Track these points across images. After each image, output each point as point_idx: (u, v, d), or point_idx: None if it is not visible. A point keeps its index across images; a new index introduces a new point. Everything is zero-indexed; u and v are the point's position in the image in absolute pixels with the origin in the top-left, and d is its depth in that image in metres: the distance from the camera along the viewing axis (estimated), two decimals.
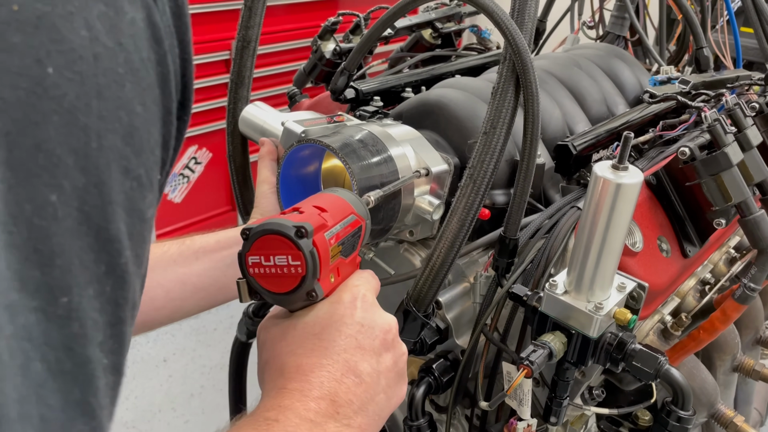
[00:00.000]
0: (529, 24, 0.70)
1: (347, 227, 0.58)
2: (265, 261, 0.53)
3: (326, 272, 0.55)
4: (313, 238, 0.52)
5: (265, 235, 0.52)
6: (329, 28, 1.14)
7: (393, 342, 0.57)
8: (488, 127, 0.70)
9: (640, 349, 0.67)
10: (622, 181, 0.62)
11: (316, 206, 0.56)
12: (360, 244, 0.61)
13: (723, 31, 1.45)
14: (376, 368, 0.55)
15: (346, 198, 0.61)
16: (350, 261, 0.59)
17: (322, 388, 0.51)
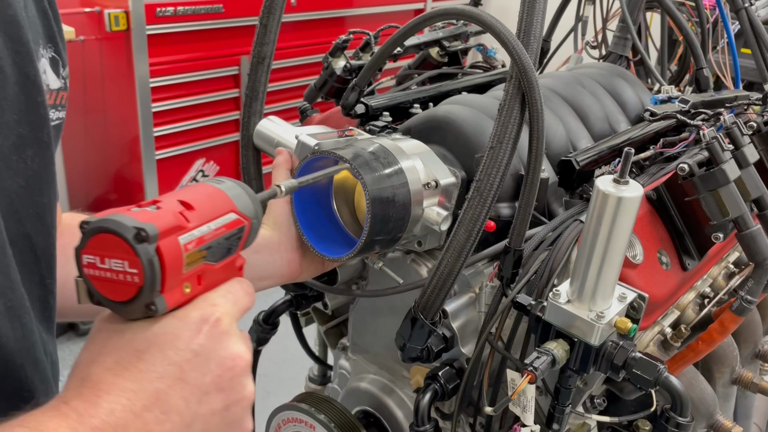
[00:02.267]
0: (534, 44, 0.74)
1: (221, 228, 0.50)
2: (100, 263, 0.45)
3: (176, 282, 0.46)
4: (158, 243, 0.44)
5: (100, 232, 0.44)
6: (340, 46, 1.17)
7: (231, 382, 0.48)
8: (495, 142, 0.73)
9: (640, 357, 0.69)
10: (623, 194, 0.65)
11: (183, 201, 0.48)
12: (242, 245, 0.53)
13: (723, 52, 1.49)
14: (193, 409, 0.46)
15: (230, 192, 0.52)
16: (224, 266, 0.51)
17: (108, 418, 0.43)
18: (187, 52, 2.68)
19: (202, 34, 2.69)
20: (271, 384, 2.58)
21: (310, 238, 0.81)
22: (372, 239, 0.75)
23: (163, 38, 2.58)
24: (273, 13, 0.90)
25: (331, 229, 0.85)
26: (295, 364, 2.66)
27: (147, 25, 2.50)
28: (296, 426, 1.01)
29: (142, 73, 2.55)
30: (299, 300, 1.03)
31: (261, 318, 1.04)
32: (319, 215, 0.84)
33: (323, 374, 1.32)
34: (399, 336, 0.82)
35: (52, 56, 0.65)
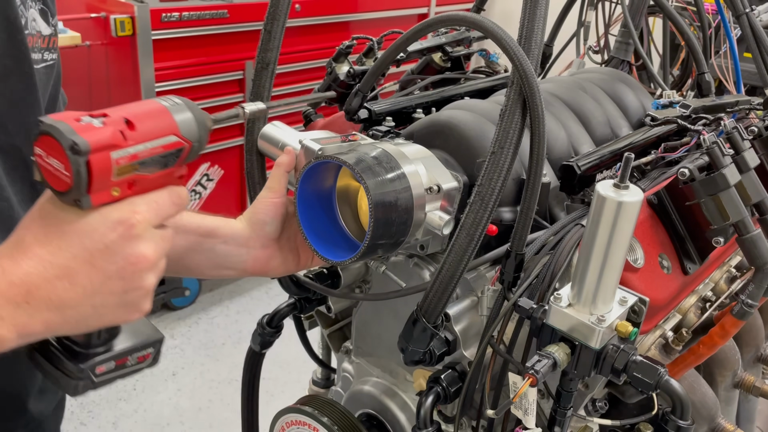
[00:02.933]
0: (535, 50, 0.74)
1: (158, 148, 0.57)
2: (46, 156, 0.53)
3: (103, 186, 0.54)
4: (89, 157, 0.52)
5: (46, 134, 0.52)
6: (343, 51, 1.18)
7: (132, 275, 0.57)
8: (496, 147, 0.74)
9: (640, 360, 0.70)
10: (623, 199, 0.66)
11: (128, 118, 0.55)
12: (180, 162, 0.60)
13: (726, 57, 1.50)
14: (96, 287, 0.56)
15: (177, 115, 0.58)
16: (159, 176, 0.58)
17: (25, 278, 0.53)
18: (192, 57, 2.70)
19: (207, 39, 2.71)
20: (275, 387, 2.59)
21: (313, 242, 0.82)
22: (375, 243, 0.76)
23: (169, 43, 2.60)
24: (277, 19, 0.91)
25: (334, 232, 0.86)
26: (298, 367, 2.67)
27: (152, 30, 2.52)
28: (300, 428, 1.02)
29: (148, 78, 2.57)
30: (303, 303, 1.04)
31: (265, 321, 1.05)
32: (322, 219, 0.85)
33: (327, 377, 1.32)
34: (401, 339, 0.82)
35: (41, 8, 0.80)
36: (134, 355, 0.66)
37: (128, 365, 0.66)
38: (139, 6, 2.46)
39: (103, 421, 2.45)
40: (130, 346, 0.66)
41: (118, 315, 0.59)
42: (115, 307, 0.58)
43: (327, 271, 0.99)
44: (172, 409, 2.54)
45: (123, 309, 0.59)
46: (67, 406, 2.47)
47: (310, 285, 0.96)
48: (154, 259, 0.59)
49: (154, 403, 2.55)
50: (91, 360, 0.62)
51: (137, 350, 0.66)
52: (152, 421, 2.47)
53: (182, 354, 2.82)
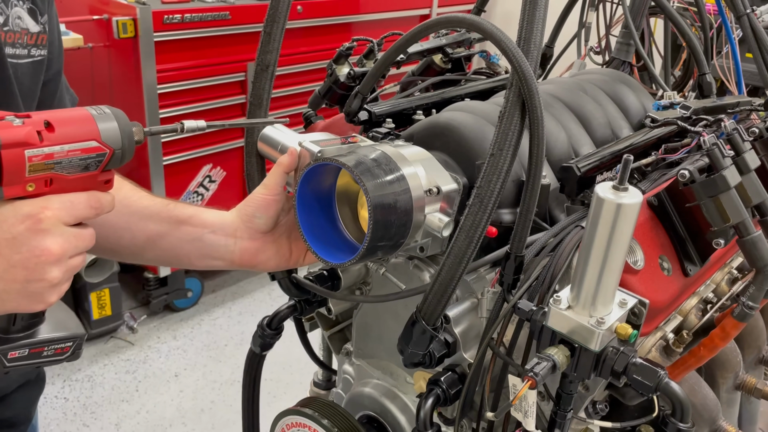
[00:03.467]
0: (534, 52, 0.74)
1: (76, 150, 0.61)
2: None
3: (17, 181, 0.58)
4: (0, 152, 0.56)
5: None
6: (344, 53, 1.18)
7: (36, 266, 0.61)
8: (495, 149, 0.74)
9: (640, 362, 0.70)
10: (622, 201, 0.65)
11: (49, 120, 0.60)
12: (101, 167, 0.63)
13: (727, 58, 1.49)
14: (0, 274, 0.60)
15: (101, 123, 0.62)
16: (80, 178, 0.62)
17: None
18: (194, 58, 2.70)
19: (209, 40, 2.71)
20: (276, 388, 2.59)
21: (312, 243, 0.82)
22: (374, 245, 0.76)
23: (171, 45, 2.60)
24: (277, 21, 0.91)
25: (333, 234, 0.85)
26: (299, 369, 2.67)
27: (154, 32, 2.52)
28: (300, 430, 1.02)
29: (150, 80, 2.57)
30: (303, 305, 1.04)
31: (265, 323, 1.05)
32: (322, 221, 0.85)
33: (328, 379, 1.32)
34: (401, 341, 0.82)
35: (30, 7, 0.84)
36: (51, 346, 0.71)
37: (44, 355, 0.70)
38: (141, 8, 2.46)
39: (106, 422, 2.46)
40: (48, 338, 0.70)
41: (20, 303, 0.63)
42: (17, 295, 0.62)
43: (327, 273, 0.99)
44: (174, 410, 2.54)
45: (25, 298, 0.62)
46: (70, 408, 2.49)
47: (310, 287, 0.96)
48: (58, 253, 0.61)
49: (157, 404, 2.56)
50: (5, 344, 0.67)
51: (55, 342, 0.71)
52: (155, 422, 2.48)
53: (185, 355, 2.82)
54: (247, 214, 0.88)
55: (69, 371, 2.69)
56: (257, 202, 0.88)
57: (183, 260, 0.90)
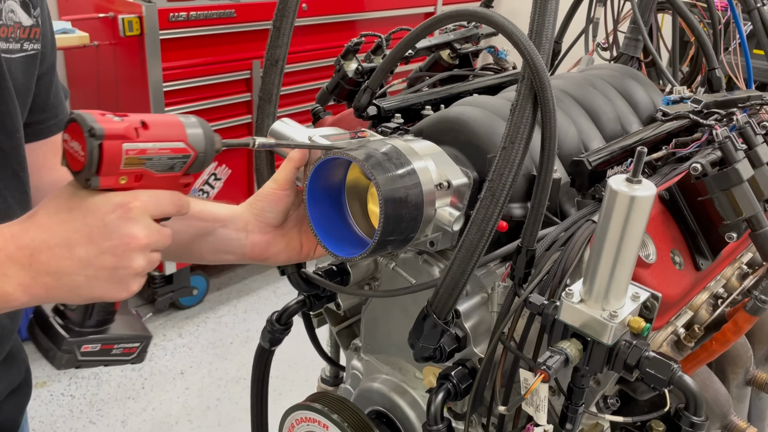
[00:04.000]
0: (546, 45, 0.74)
1: (164, 150, 0.65)
2: (70, 140, 0.63)
3: (112, 172, 0.62)
4: (102, 142, 0.60)
5: (73, 122, 0.62)
6: (352, 49, 1.18)
7: (123, 253, 0.63)
8: (507, 143, 0.74)
9: (653, 356, 0.69)
10: (635, 193, 0.65)
11: (144, 120, 0.64)
12: (185, 169, 0.68)
13: (736, 53, 1.49)
14: (90, 259, 0.63)
15: (188, 128, 0.67)
16: (165, 177, 0.66)
17: (29, 242, 0.62)
18: (200, 56, 2.70)
19: (214, 38, 2.71)
20: (282, 386, 2.59)
21: (323, 238, 0.82)
22: (384, 239, 0.76)
23: (176, 43, 2.61)
24: (286, 16, 0.91)
25: (343, 228, 0.85)
26: (305, 366, 2.67)
27: (160, 30, 2.52)
28: (309, 426, 1.02)
29: (156, 78, 2.58)
30: (312, 300, 1.04)
31: (274, 318, 1.05)
32: (332, 215, 0.85)
33: (335, 375, 1.32)
34: (412, 335, 0.82)
35: (22, 0, 0.84)
36: (121, 344, 0.73)
37: (113, 353, 0.73)
38: (147, 6, 2.46)
39: (112, 420, 2.46)
40: (119, 335, 0.72)
41: (107, 289, 0.65)
42: (105, 281, 0.64)
43: (336, 268, 0.99)
44: (180, 407, 2.55)
45: (112, 284, 0.64)
46: (77, 405, 2.50)
47: (320, 282, 0.95)
48: (145, 242, 0.64)
49: (163, 402, 2.56)
50: (80, 337, 0.69)
51: (125, 341, 0.73)
52: (161, 419, 2.48)
53: (190, 353, 2.83)
54: (258, 209, 0.88)
55: (75, 369, 2.69)
56: (268, 197, 0.88)
57: (194, 254, 0.90)
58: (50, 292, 0.63)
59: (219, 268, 3.37)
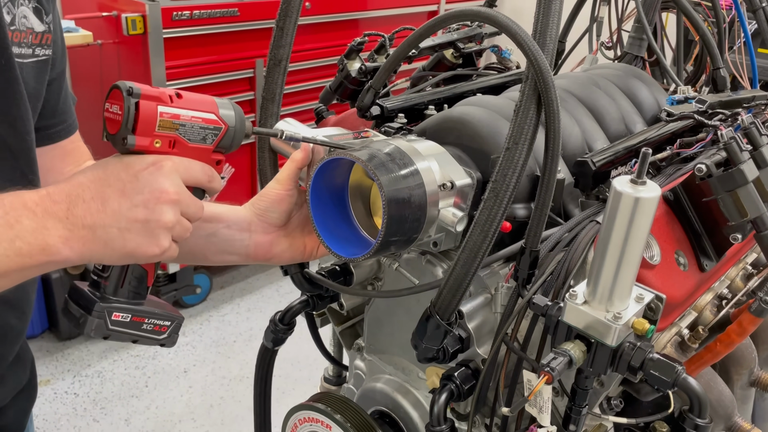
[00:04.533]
0: (550, 45, 0.74)
1: (196, 118, 0.69)
2: (110, 108, 0.68)
3: (147, 132, 0.67)
4: (139, 100, 0.65)
5: (113, 89, 0.67)
6: (355, 48, 1.18)
7: (155, 206, 0.66)
8: (511, 143, 0.73)
9: (657, 357, 0.69)
10: (640, 195, 0.65)
11: (179, 92, 0.69)
12: (216, 142, 0.72)
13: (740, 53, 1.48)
14: (123, 212, 0.65)
15: (220, 104, 0.72)
16: (197, 148, 0.70)
17: (66, 198, 0.64)
18: (203, 55, 2.70)
19: (217, 37, 2.71)
20: (285, 384, 2.60)
21: (326, 238, 0.82)
22: (388, 240, 0.76)
23: (180, 42, 2.61)
24: (289, 16, 0.91)
25: (346, 229, 0.85)
26: (308, 365, 2.68)
27: (163, 28, 2.52)
28: (312, 426, 1.02)
29: (159, 76, 2.58)
30: (315, 300, 1.04)
31: (277, 318, 1.05)
32: (335, 215, 0.85)
33: (338, 375, 1.32)
34: (415, 336, 0.82)
35: (35, 6, 0.86)
36: (152, 320, 0.73)
37: (143, 327, 0.73)
38: (150, 5, 2.47)
39: (116, 418, 2.47)
40: (150, 309, 0.73)
41: (139, 243, 0.66)
42: (137, 234, 0.66)
43: (339, 268, 0.99)
44: (183, 405, 2.55)
45: (143, 237, 0.66)
46: (80, 403, 2.50)
47: (323, 282, 0.95)
48: (175, 197, 0.67)
49: (166, 400, 2.57)
50: (112, 303, 0.70)
51: (156, 317, 0.74)
52: (164, 417, 2.49)
53: (194, 351, 2.83)
54: (261, 209, 0.89)
55: (79, 367, 2.70)
56: (271, 197, 0.88)
57: (198, 256, 0.90)
58: (87, 245, 0.65)
59: (222, 267, 3.37)
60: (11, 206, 0.62)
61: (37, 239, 0.62)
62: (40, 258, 0.63)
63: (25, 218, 0.62)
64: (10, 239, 0.61)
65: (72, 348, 2.80)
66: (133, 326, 0.72)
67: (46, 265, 0.64)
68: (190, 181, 0.70)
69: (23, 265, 0.62)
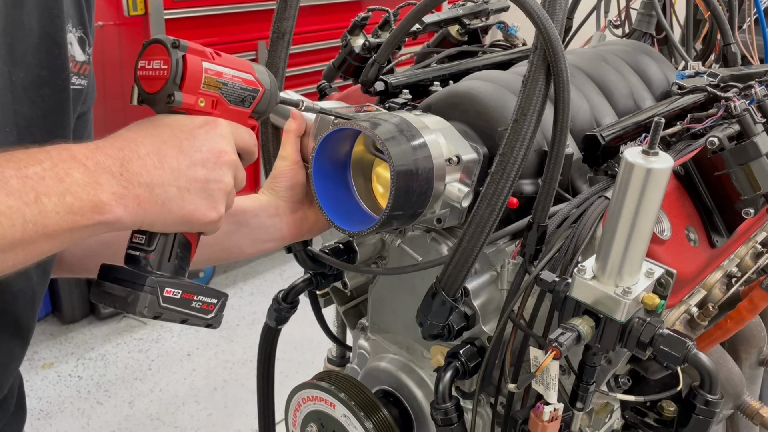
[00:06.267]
0: (560, 14, 0.72)
1: (237, 78, 0.66)
2: (147, 65, 0.63)
3: (192, 89, 0.63)
4: (185, 54, 0.62)
5: (153, 44, 0.63)
6: (359, 24, 1.16)
7: (215, 165, 0.63)
8: (519, 115, 0.72)
9: (668, 333, 0.68)
10: (652, 166, 0.63)
11: (216, 50, 0.66)
12: (254, 105, 0.69)
13: (750, 32, 1.45)
14: (182, 170, 0.61)
15: (255, 67, 0.70)
16: (236, 111, 0.67)
17: (119, 152, 0.58)
18: (205, 36, 2.67)
19: (219, 18, 2.69)
20: (288, 368, 2.60)
21: (330, 213, 0.80)
22: (393, 213, 0.74)
23: (181, 23, 2.58)
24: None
25: (349, 203, 0.84)
26: (311, 348, 2.67)
27: (164, 9, 2.50)
28: (316, 404, 1.01)
29: None
30: (318, 279, 1.02)
31: (281, 297, 1.04)
32: (338, 190, 0.83)
33: (342, 355, 1.32)
34: (420, 313, 0.81)
35: (80, 36, 0.83)
36: (200, 297, 0.68)
37: (192, 305, 0.67)
38: None
39: (120, 400, 2.47)
40: (198, 285, 0.68)
41: (198, 205, 0.62)
42: (196, 195, 0.62)
43: (343, 246, 0.98)
44: (187, 388, 2.55)
45: (203, 199, 0.62)
46: (84, 386, 2.51)
47: (326, 260, 0.94)
48: (234, 158, 0.64)
49: (170, 383, 2.57)
50: (162, 278, 0.64)
51: (204, 294, 0.68)
52: (168, 400, 2.49)
53: (197, 334, 2.83)
54: (281, 189, 0.87)
55: (83, 350, 2.70)
56: (285, 175, 0.87)
57: (233, 251, 0.87)
58: (143, 205, 0.58)
59: None
60: (59, 158, 0.55)
61: (89, 195, 0.55)
62: (92, 216, 0.55)
63: (76, 171, 0.55)
64: (60, 193, 0.54)
65: (75, 331, 2.80)
66: (183, 304, 0.66)
67: (97, 227, 0.57)
68: (240, 145, 0.67)
69: (74, 224, 0.55)
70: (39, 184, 0.53)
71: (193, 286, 0.67)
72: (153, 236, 0.65)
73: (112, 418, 2.40)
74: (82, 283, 2.78)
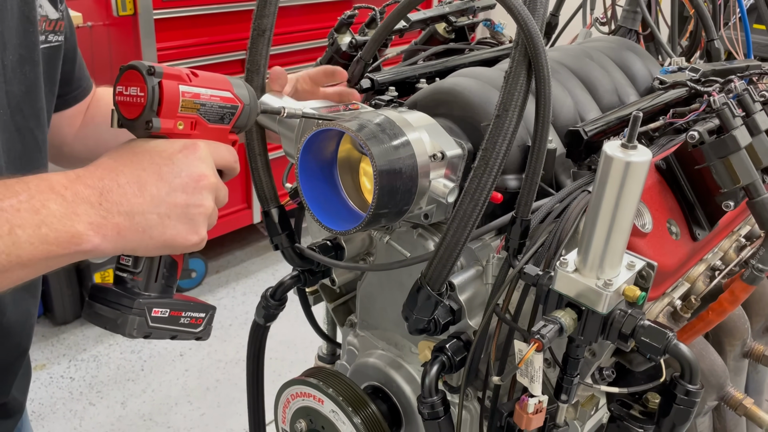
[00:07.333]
0: (540, 10, 0.72)
1: (215, 97, 0.67)
2: (125, 91, 0.64)
3: (170, 114, 0.63)
4: (161, 80, 0.62)
5: (129, 69, 0.64)
6: (345, 21, 1.16)
7: (194, 191, 0.64)
8: (500, 110, 0.72)
9: (648, 324, 0.69)
10: (631, 159, 0.64)
11: (192, 69, 0.67)
12: (233, 121, 0.70)
13: (735, 28, 1.46)
14: (162, 196, 0.62)
15: (233, 82, 0.70)
16: (216, 129, 0.68)
17: (99, 182, 0.60)
18: (195, 36, 2.67)
19: (209, 18, 2.68)
20: (281, 367, 2.60)
21: (316, 212, 0.81)
22: (379, 212, 0.75)
23: (171, 23, 2.58)
24: None
25: (336, 202, 0.84)
26: (303, 347, 2.68)
27: (154, 9, 2.49)
28: (305, 400, 1.01)
29: (150, 58, 2.55)
30: (306, 276, 1.03)
31: (269, 294, 1.04)
32: (325, 189, 0.84)
33: (332, 353, 1.32)
34: (405, 308, 0.81)
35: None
36: (188, 313, 0.70)
37: (181, 321, 0.69)
38: None
39: (112, 401, 2.47)
40: (185, 302, 0.70)
41: (179, 230, 0.63)
42: (177, 220, 0.63)
43: (330, 244, 0.98)
44: (180, 388, 2.55)
45: (184, 224, 0.63)
46: (76, 387, 2.50)
47: (314, 257, 0.95)
48: (214, 182, 0.65)
49: (163, 383, 2.57)
50: (149, 299, 0.66)
51: (191, 309, 0.70)
52: (160, 400, 2.49)
53: None
54: None
55: (75, 351, 2.70)
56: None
57: None
58: (122, 233, 0.60)
59: (218, 251, 3.37)
60: (37, 189, 0.57)
61: (65, 226, 0.57)
62: (68, 246, 0.57)
63: (53, 203, 0.57)
64: (35, 225, 0.56)
65: (67, 333, 2.79)
66: (171, 321, 0.68)
67: (74, 255, 0.59)
68: (220, 164, 0.68)
69: (49, 253, 0.57)
70: (14, 216, 0.55)
71: (180, 304, 0.69)
72: (138, 259, 0.67)
73: (104, 419, 2.39)
74: (74, 284, 2.77)
